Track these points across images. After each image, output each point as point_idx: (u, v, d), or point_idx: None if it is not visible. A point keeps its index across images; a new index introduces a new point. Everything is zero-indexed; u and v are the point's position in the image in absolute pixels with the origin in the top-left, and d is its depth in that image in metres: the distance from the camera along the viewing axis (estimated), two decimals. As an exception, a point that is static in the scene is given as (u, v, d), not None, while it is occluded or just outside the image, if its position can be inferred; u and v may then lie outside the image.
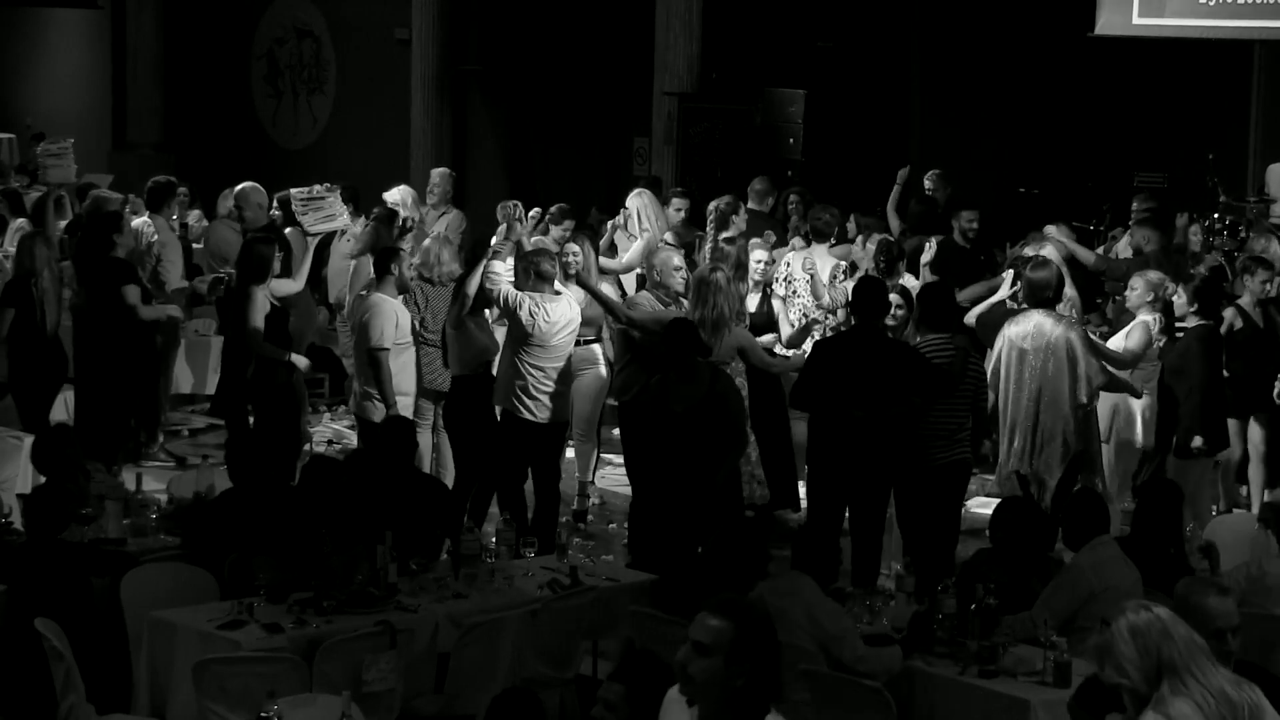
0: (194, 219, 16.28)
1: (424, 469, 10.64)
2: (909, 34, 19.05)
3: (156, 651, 7.55)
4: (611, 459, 12.26)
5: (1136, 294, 10.97)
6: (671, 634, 7.77)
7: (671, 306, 10.61)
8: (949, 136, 18.55)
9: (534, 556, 8.77)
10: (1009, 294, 11.03)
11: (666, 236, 12.84)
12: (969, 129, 18.35)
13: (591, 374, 11.37)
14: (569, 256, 11.13)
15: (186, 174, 20.19)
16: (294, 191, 12.86)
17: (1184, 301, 11.00)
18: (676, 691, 4.86)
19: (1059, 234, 12.78)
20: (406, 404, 10.78)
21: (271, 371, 11.32)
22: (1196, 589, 5.70)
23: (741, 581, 7.69)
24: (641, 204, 13.29)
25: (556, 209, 13.23)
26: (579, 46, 19.39)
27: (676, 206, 13.87)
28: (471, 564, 8.29)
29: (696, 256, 12.50)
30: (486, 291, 10.41)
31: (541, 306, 10.18)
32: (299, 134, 22.60)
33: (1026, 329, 10.03)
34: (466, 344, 10.91)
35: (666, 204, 13.98)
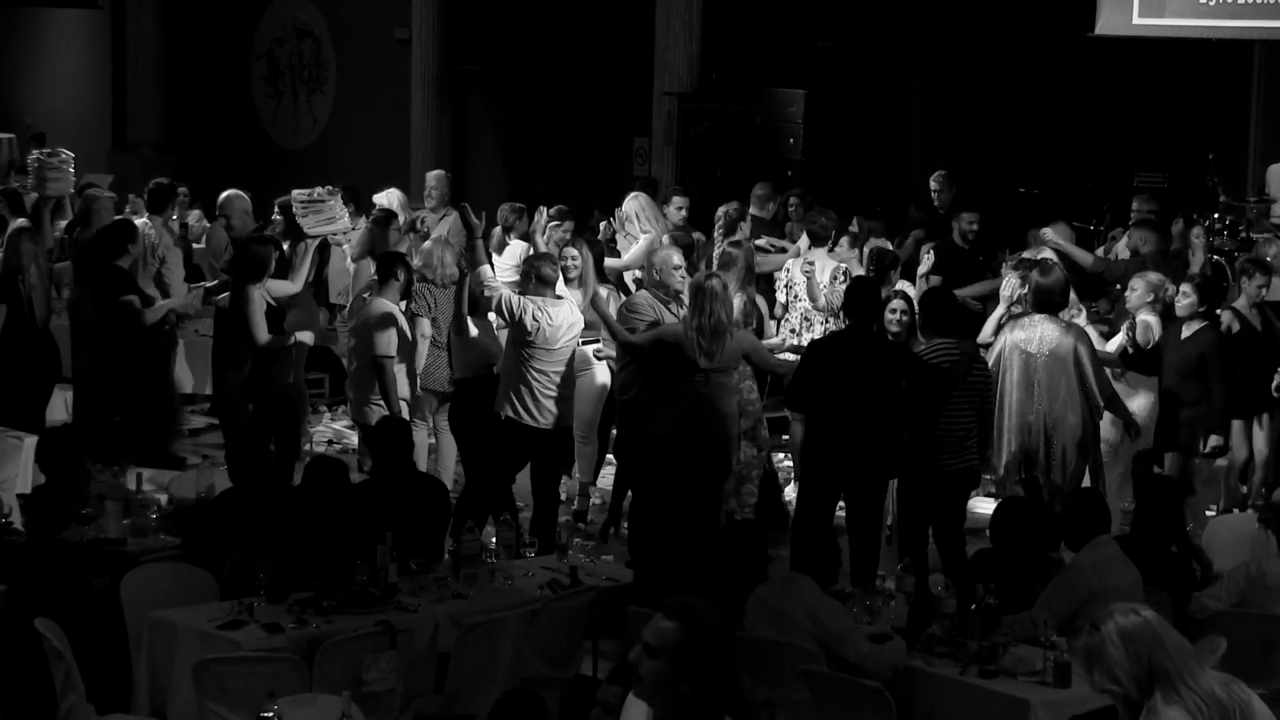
0: (194, 219, 16.30)
1: (422, 468, 10.64)
2: (909, 34, 19.04)
3: (156, 651, 7.55)
4: (612, 459, 12.25)
5: (1137, 295, 10.96)
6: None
7: (671, 305, 10.61)
8: (949, 136, 18.55)
9: (534, 556, 8.78)
10: (1008, 304, 11.02)
11: (664, 238, 12.82)
12: (969, 129, 18.35)
13: (590, 375, 11.36)
14: (567, 260, 11.12)
15: (186, 174, 20.23)
16: (296, 193, 12.84)
17: (1191, 301, 10.94)
18: (634, 700, 4.84)
19: (1055, 237, 12.77)
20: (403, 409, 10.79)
21: (271, 371, 11.32)
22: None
23: (742, 582, 7.71)
24: (639, 206, 13.29)
25: (555, 210, 13.23)
26: (579, 46, 19.39)
27: (677, 205, 13.87)
28: (471, 564, 8.30)
29: (695, 259, 12.48)
30: (485, 297, 10.41)
31: (544, 310, 10.15)
32: (299, 134, 22.61)
33: (1031, 335, 9.98)
34: (469, 347, 10.93)
35: (666, 203, 13.98)
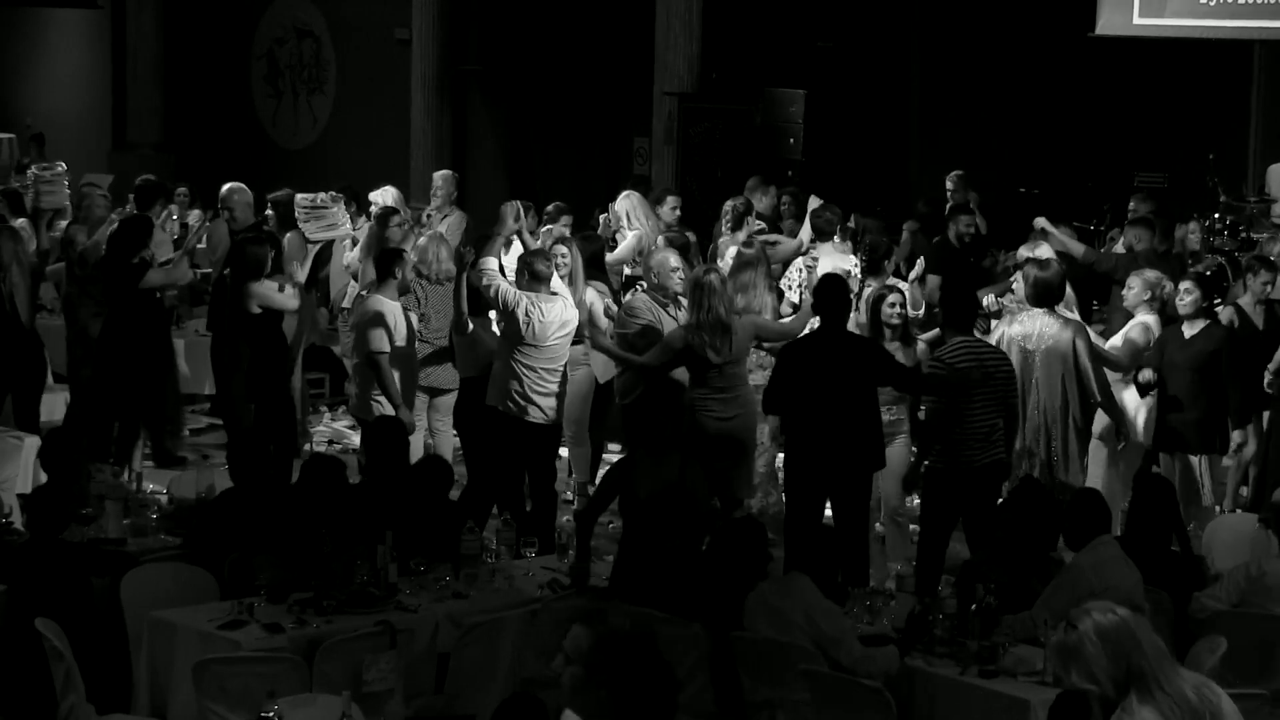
0: (194, 219, 16.25)
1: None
2: (909, 34, 19.05)
3: (156, 651, 7.55)
4: (612, 459, 12.24)
5: (1134, 293, 10.95)
6: (672, 633, 7.78)
7: (670, 307, 10.60)
8: (949, 136, 18.56)
9: (534, 556, 8.78)
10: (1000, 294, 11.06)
11: (661, 239, 12.79)
12: (969, 129, 18.35)
13: (581, 374, 11.35)
14: (557, 258, 11.11)
15: (186, 174, 20.24)
16: (300, 197, 12.85)
17: (1195, 298, 10.92)
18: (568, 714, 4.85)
19: (1047, 224, 12.77)
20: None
21: (271, 370, 11.34)
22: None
23: (742, 581, 7.71)
24: (630, 205, 13.28)
25: (553, 207, 13.25)
26: (579, 46, 19.40)
27: (671, 205, 13.88)
28: (471, 564, 8.30)
29: (691, 258, 12.48)
30: (484, 290, 10.42)
31: (537, 306, 10.16)
32: (299, 134, 22.61)
33: (1029, 329, 9.99)
34: (472, 345, 10.95)
35: (659, 203, 13.98)
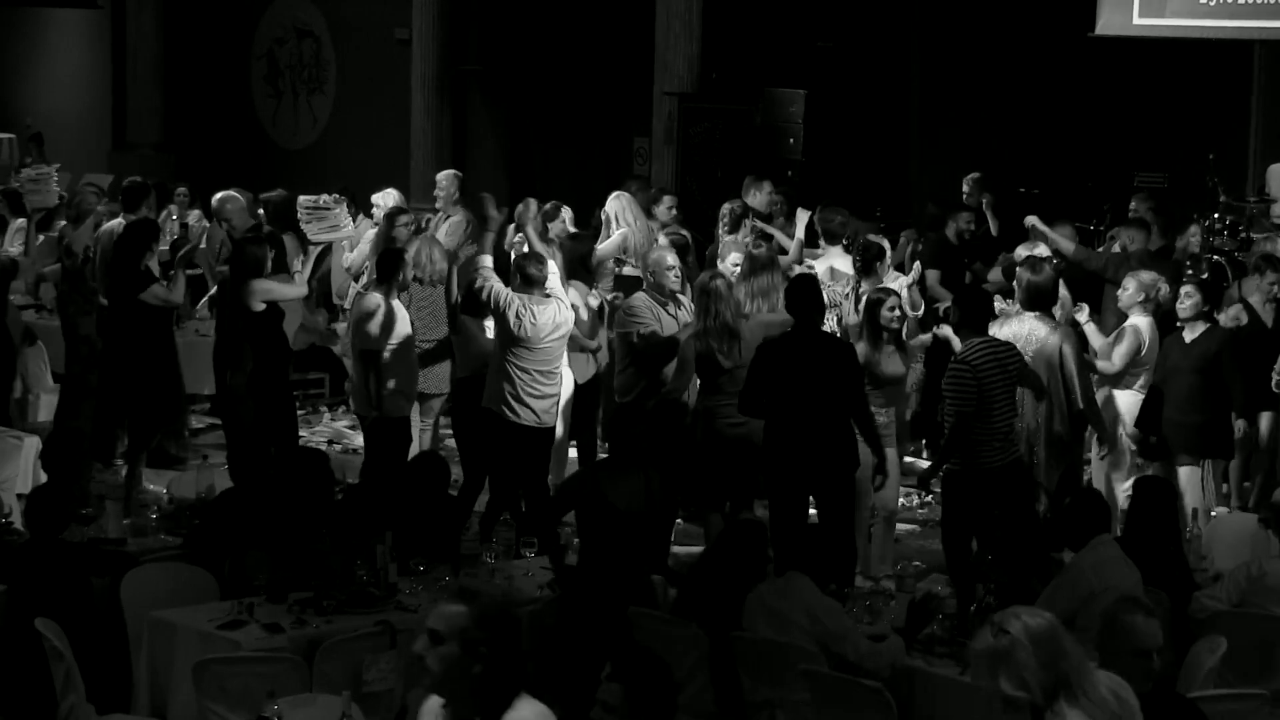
0: (194, 219, 16.27)
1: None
2: (909, 34, 19.03)
3: (156, 651, 7.56)
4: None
5: (1128, 294, 10.95)
6: (671, 633, 7.78)
7: (669, 306, 10.59)
8: (949, 136, 18.54)
9: (534, 556, 8.79)
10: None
11: (660, 238, 12.79)
12: (969, 129, 18.34)
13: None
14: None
15: (186, 174, 20.23)
16: (302, 199, 12.88)
17: (1196, 302, 10.91)
18: (430, 706, 4.80)
19: (1038, 222, 12.77)
20: (401, 402, 10.76)
21: (272, 370, 11.35)
22: (1125, 608, 5.71)
23: (741, 582, 7.71)
24: (619, 207, 13.27)
25: (551, 205, 13.25)
26: (579, 46, 19.39)
27: (667, 205, 13.89)
28: (472, 564, 8.30)
29: (688, 258, 12.48)
30: (477, 290, 10.42)
31: (529, 308, 10.14)
32: (299, 134, 22.60)
33: (1020, 331, 9.99)
34: (465, 345, 10.94)
35: (657, 203, 13.99)
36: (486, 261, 10.39)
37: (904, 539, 11.05)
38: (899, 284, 11.42)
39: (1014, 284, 10.98)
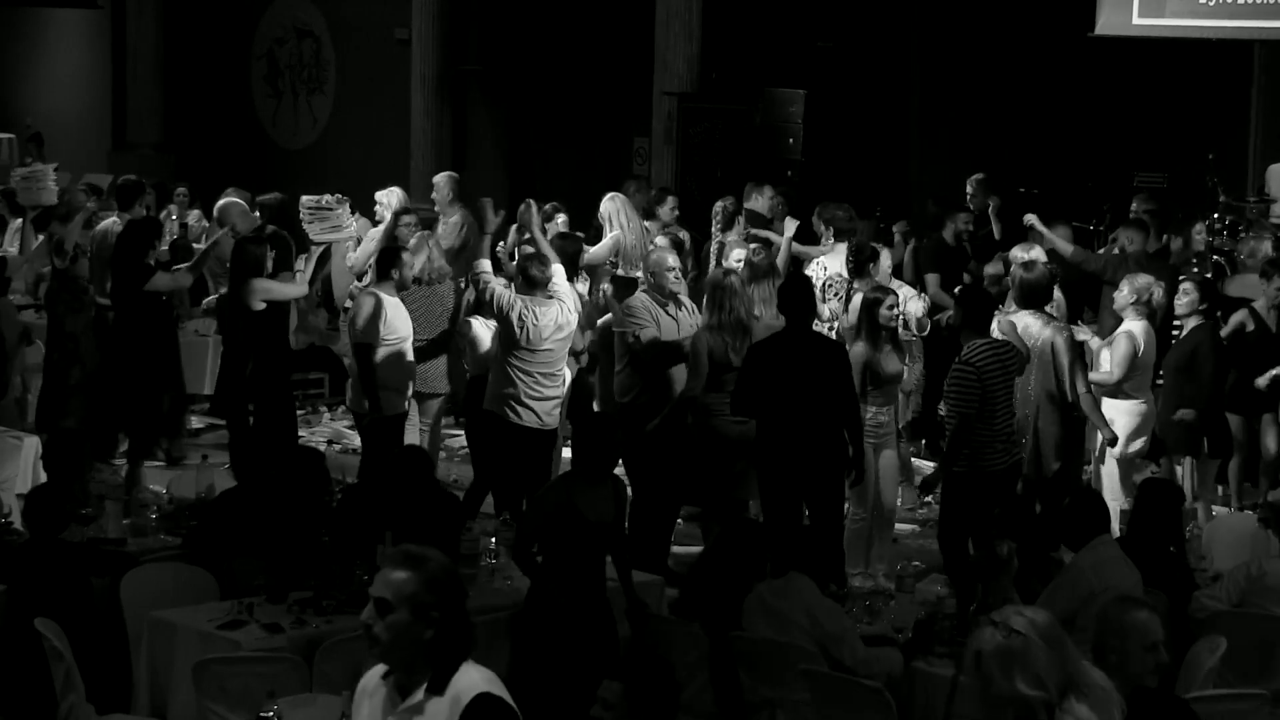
0: (194, 219, 16.28)
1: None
2: (909, 34, 19.03)
3: (156, 651, 7.56)
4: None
5: (1122, 295, 10.94)
6: (671, 633, 7.78)
7: (669, 306, 10.58)
8: (949, 136, 18.54)
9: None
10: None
11: (659, 240, 12.77)
12: (969, 129, 18.33)
13: None
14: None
15: (186, 174, 20.24)
16: (305, 199, 12.87)
17: (1192, 299, 10.92)
18: (369, 678, 4.73)
19: (1037, 222, 12.75)
20: (395, 400, 10.75)
21: (273, 369, 11.35)
22: (1125, 607, 5.70)
23: (741, 582, 7.71)
24: (614, 208, 13.26)
25: (550, 206, 13.24)
26: (579, 46, 19.39)
27: (670, 205, 13.88)
28: (471, 564, 8.30)
29: (684, 258, 12.47)
30: (479, 293, 10.41)
31: (530, 310, 10.12)
32: (299, 134, 22.60)
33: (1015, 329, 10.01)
34: (473, 345, 10.95)
35: (661, 203, 13.98)
36: (484, 266, 10.38)
37: (904, 539, 11.04)
38: (909, 309, 11.40)
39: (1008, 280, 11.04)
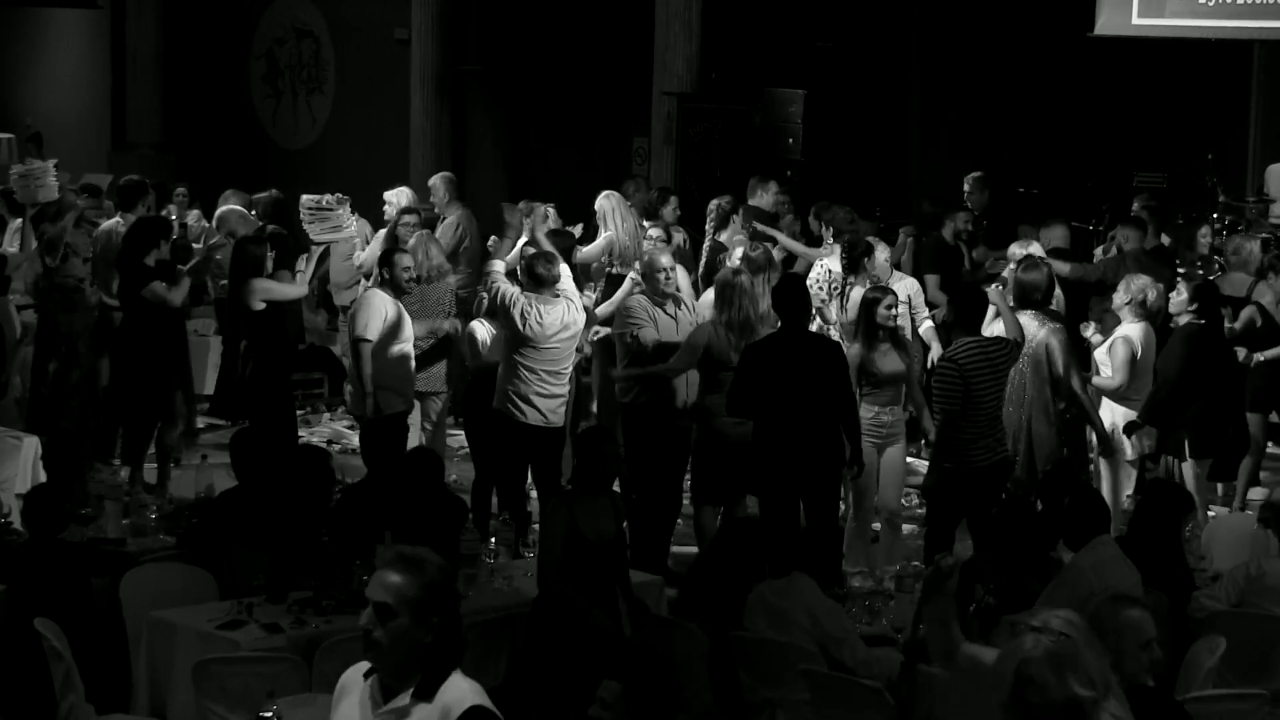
0: (193, 219, 16.27)
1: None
2: (909, 34, 19.04)
3: (156, 651, 7.56)
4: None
5: (1119, 297, 10.94)
6: (671, 633, 7.78)
7: (667, 305, 10.57)
8: (949, 136, 18.55)
9: (534, 557, 8.77)
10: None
11: (653, 233, 12.74)
12: (969, 129, 18.34)
13: None
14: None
15: (186, 174, 20.23)
16: (305, 199, 12.88)
17: (1182, 300, 10.95)
18: (350, 676, 4.67)
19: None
20: (393, 399, 10.75)
21: (273, 368, 11.36)
22: (1118, 606, 5.71)
23: (741, 582, 7.71)
24: (609, 206, 13.24)
25: (541, 207, 13.21)
26: (579, 46, 19.39)
27: (673, 206, 13.88)
28: (471, 564, 8.30)
29: (683, 258, 12.48)
30: (489, 292, 10.42)
31: (534, 307, 10.11)
32: (299, 134, 22.60)
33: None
34: (473, 343, 10.96)
35: (664, 203, 13.98)
36: (496, 266, 10.38)
37: (904, 539, 11.03)
38: (922, 330, 11.39)
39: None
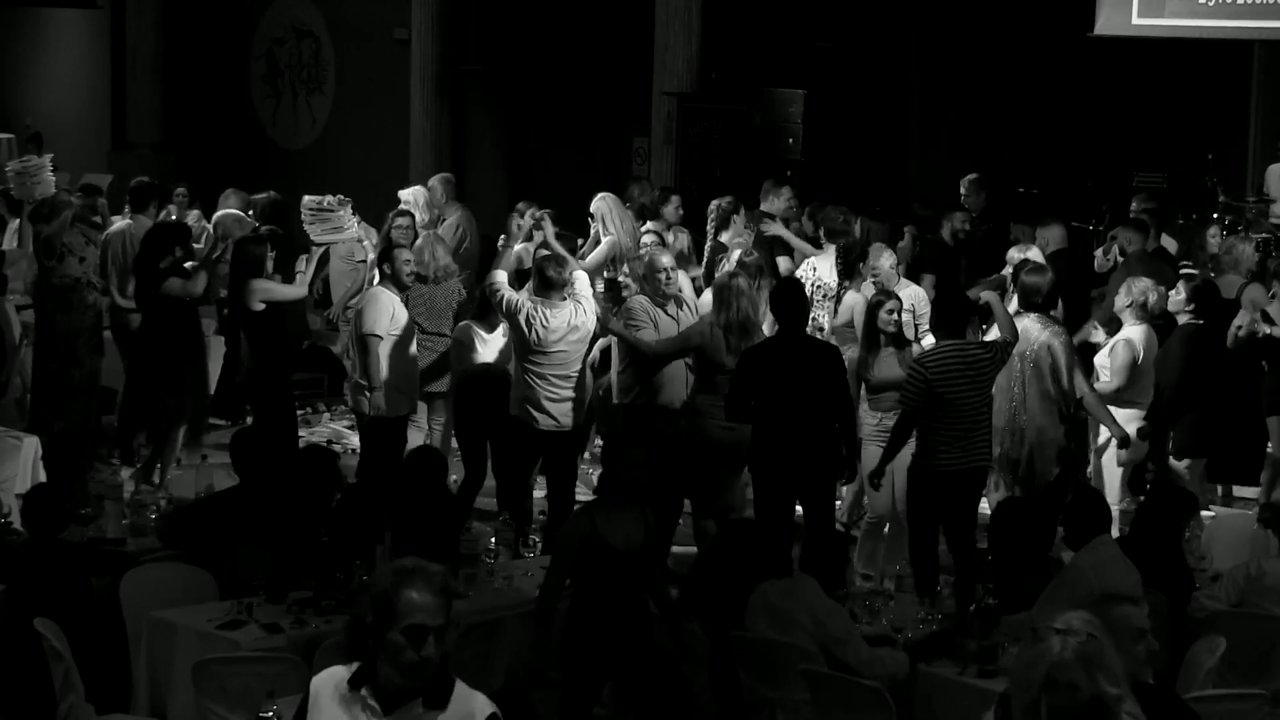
0: (193, 219, 16.26)
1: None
2: (909, 34, 19.05)
3: (156, 651, 7.56)
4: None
5: (1119, 299, 10.95)
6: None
7: (669, 306, 10.56)
8: (949, 136, 18.56)
9: (534, 556, 8.79)
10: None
11: (649, 234, 12.73)
12: (969, 129, 18.35)
13: None
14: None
15: (186, 174, 20.22)
16: (307, 199, 12.88)
17: (1179, 300, 10.96)
18: (324, 685, 4.67)
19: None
20: (398, 400, 10.75)
21: (273, 367, 11.36)
22: (1106, 606, 5.73)
23: (741, 582, 7.71)
24: (606, 207, 13.24)
25: (543, 213, 13.21)
26: (579, 46, 19.39)
27: (675, 205, 13.88)
28: (471, 564, 8.30)
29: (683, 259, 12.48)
30: (494, 302, 10.40)
31: (540, 312, 10.07)
32: (299, 134, 22.60)
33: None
34: (460, 345, 10.95)
35: (665, 203, 13.97)
36: (498, 277, 10.32)
37: (906, 540, 11.02)
38: (926, 341, 11.41)
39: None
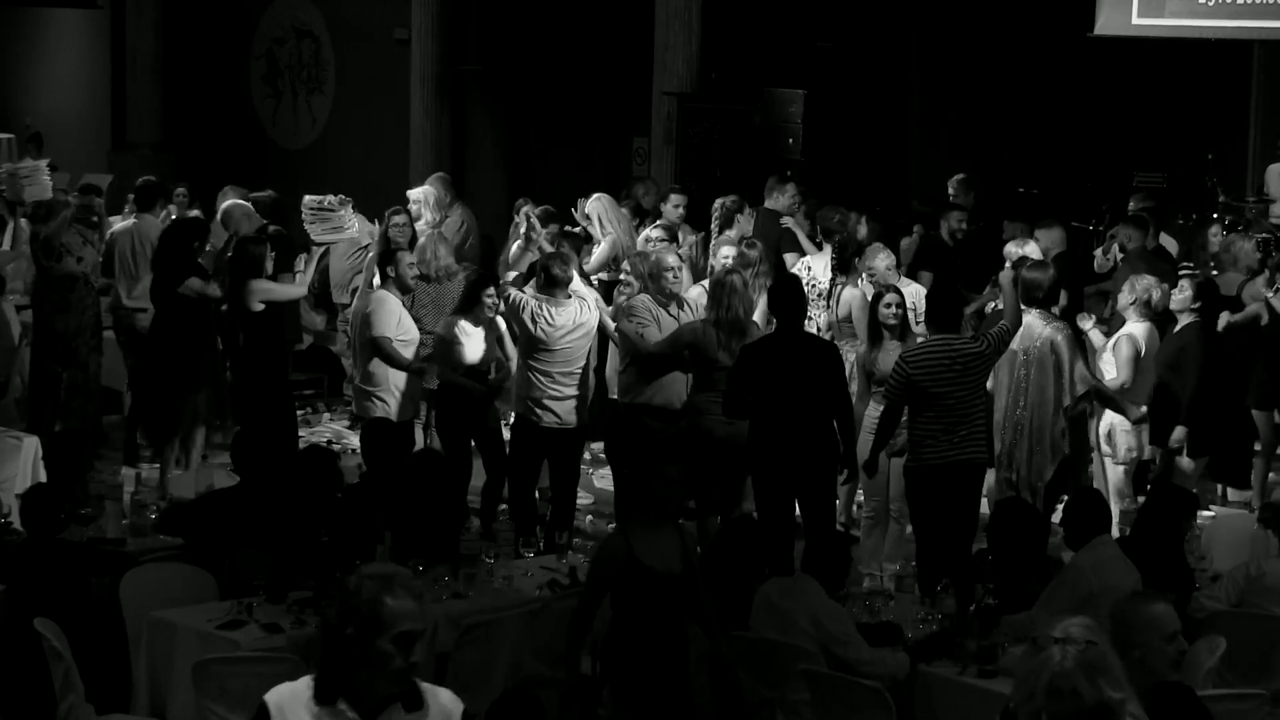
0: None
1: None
2: (909, 34, 19.05)
3: (156, 651, 7.56)
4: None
5: (1123, 297, 10.95)
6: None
7: (671, 306, 10.56)
8: (948, 136, 18.55)
9: (534, 556, 8.79)
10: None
11: (651, 234, 12.72)
12: (968, 129, 18.35)
13: None
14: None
15: (186, 174, 20.21)
16: (308, 199, 12.87)
17: (1185, 297, 10.94)
18: (287, 700, 4.49)
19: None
20: (405, 405, 10.74)
21: (268, 370, 11.35)
22: (1141, 601, 5.72)
23: (741, 582, 7.70)
24: (601, 208, 13.23)
25: (541, 211, 13.22)
26: (579, 46, 19.38)
27: (674, 204, 13.88)
28: (471, 564, 8.30)
29: (685, 253, 12.48)
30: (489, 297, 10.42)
31: (544, 309, 10.09)
32: (298, 134, 22.59)
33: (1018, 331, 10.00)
34: (445, 341, 10.94)
35: (665, 201, 13.98)
36: (507, 276, 10.37)
37: (907, 539, 11.03)
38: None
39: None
